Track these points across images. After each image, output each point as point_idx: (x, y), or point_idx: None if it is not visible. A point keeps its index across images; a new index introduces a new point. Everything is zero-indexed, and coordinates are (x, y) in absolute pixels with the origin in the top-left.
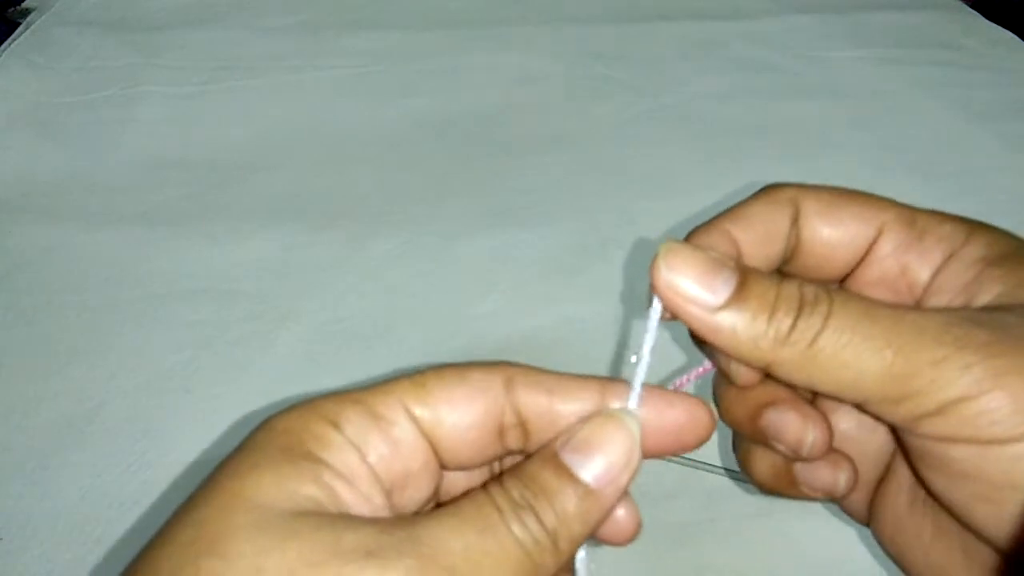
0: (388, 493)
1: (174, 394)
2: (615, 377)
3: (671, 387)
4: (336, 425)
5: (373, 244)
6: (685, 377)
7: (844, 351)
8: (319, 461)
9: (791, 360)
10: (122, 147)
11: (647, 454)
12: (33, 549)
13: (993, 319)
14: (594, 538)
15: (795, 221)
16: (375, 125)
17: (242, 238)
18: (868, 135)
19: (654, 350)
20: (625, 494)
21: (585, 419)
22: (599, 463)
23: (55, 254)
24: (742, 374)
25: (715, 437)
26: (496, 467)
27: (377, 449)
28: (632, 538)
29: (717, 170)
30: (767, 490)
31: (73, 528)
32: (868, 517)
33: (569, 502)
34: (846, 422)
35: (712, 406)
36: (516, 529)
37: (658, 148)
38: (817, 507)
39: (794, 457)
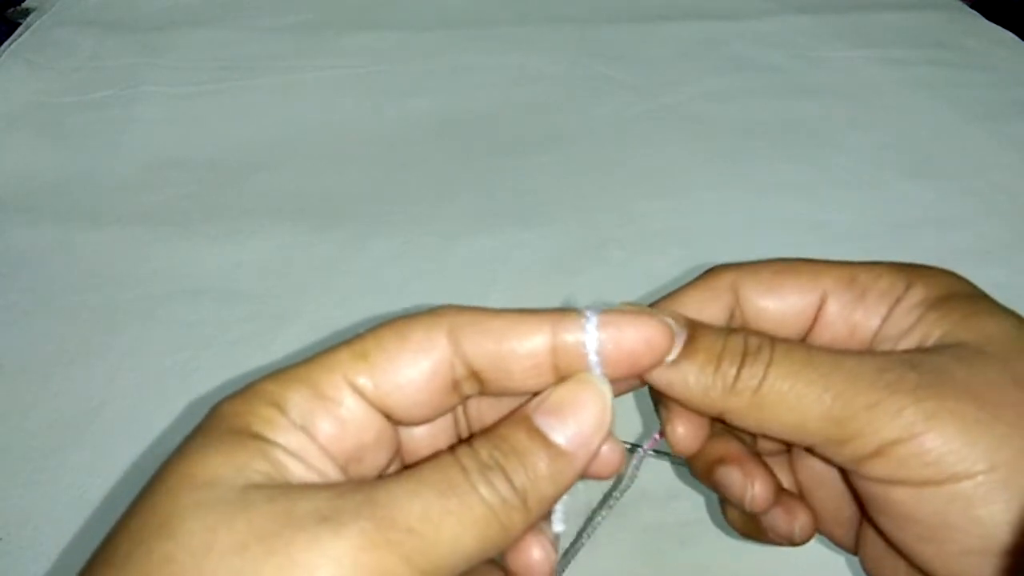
0: (343, 467)
1: (174, 394)
2: (566, 308)
3: (634, 460)
4: (281, 408)
5: (373, 244)
6: (647, 443)
7: (787, 397)
8: (267, 441)
9: (740, 408)
10: (122, 147)
11: (617, 374)
12: (33, 549)
13: (927, 361)
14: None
15: (737, 302)
16: (375, 125)
17: (242, 238)
18: (868, 135)
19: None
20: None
21: (559, 383)
22: (572, 426)
23: (55, 254)
24: (679, 443)
25: None
26: (461, 416)
27: (324, 430)
28: (616, 471)
29: (717, 170)
30: (744, 535)
31: (73, 528)
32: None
33: (541, 463)
34: (822, 464)
35: (671, 321)
36: (482, 489)
37: (658, 148)
38: None
39: (743, 509)
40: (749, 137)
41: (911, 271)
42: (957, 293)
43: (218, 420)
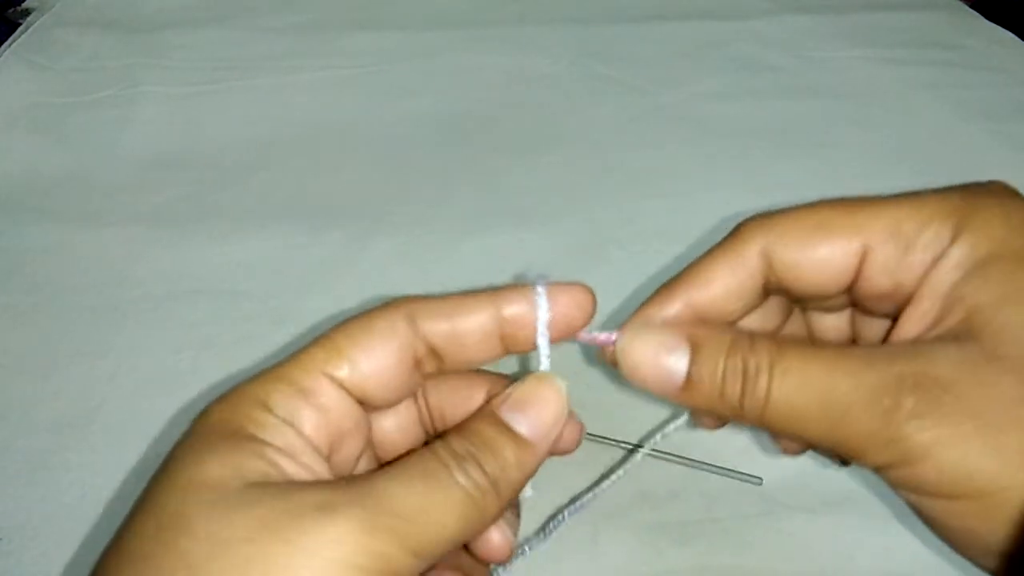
0: (327, 457)
1: (174, 394)
2: (507, 285)
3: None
4: (267, 407)
5: (373, 244)
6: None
7: (790, 418)
8: (260, 441)
9: (754, 421)
10: (122, 147)
11: (556, 337)
12: (33, 549)
13: (931, 373)
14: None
15: (770, 266)
16: (375, 125)
17: (242, 238)
18: (868, 135)
19: None
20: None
21: (520, 380)
22: (534, 418)
23: (55, 254)
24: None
25: (714, 440)
26: (424, 410)
27: (310, 421)
28: (577, 445)
29: (717, 170)
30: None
31: (73, 528)
32: None
33: (508, 452)
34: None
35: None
36: (460, 478)
37: (658, 148)
38: (817, 506)
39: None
40: (749, 137)
41: (964, 213)
42: (1003, 255)
43: (210, 425)
